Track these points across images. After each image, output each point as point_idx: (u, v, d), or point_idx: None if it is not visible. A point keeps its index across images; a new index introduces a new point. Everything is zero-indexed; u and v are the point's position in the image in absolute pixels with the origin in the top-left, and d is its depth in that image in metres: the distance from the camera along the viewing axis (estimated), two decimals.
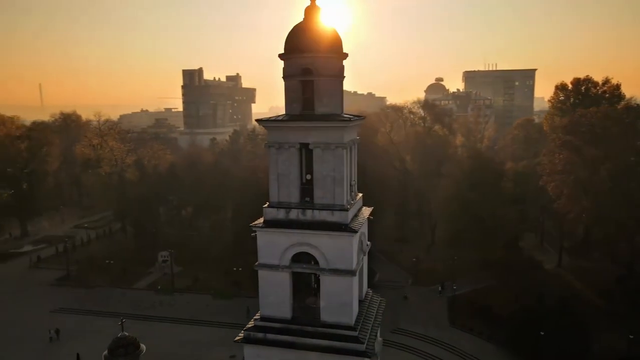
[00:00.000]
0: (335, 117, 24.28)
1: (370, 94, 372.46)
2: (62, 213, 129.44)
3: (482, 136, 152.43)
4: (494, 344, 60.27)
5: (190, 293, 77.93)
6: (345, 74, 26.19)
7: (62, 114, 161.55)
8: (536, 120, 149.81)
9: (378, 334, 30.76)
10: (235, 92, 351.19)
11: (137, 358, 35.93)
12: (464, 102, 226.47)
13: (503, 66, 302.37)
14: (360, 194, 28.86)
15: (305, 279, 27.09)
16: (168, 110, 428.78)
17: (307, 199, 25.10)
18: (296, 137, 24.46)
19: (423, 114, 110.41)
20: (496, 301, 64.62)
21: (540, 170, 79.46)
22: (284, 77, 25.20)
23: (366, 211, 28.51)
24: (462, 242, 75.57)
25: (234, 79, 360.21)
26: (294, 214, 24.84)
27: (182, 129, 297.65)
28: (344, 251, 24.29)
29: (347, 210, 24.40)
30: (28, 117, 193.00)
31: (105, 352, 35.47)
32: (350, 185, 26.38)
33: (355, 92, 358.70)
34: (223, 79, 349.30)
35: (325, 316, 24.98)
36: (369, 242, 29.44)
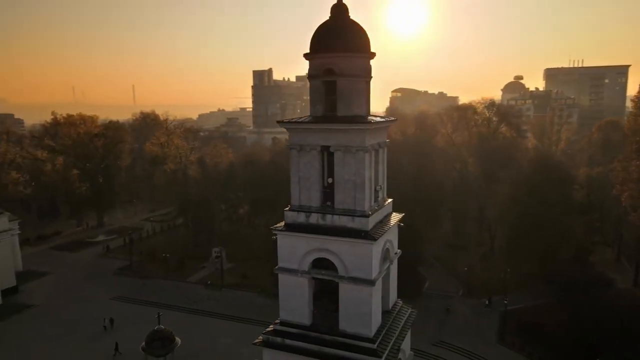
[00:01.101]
0: (358, 120, 23.33)
1: (441, 94, 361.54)
2: (135, 206, 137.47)
3: (557, 138, 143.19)
4: None
5: (237, 290, 78.93)
6: (372, 75, 25.15)
7: (142, 113, 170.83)
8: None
9: (408, 347, 29.33)
10: (304, 92, 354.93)
11: (172, 351, 36.86)
12: (543, 102, 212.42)
13: (590, 63, 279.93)
14: (390, 199, 27.62)
15: (329, 284, 26.24)
16: (243, 109, 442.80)
17: (328, 203, 24.45)
18: (317, 139, 23.87)
19: (488, 115, 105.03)
20: (553, 320, 58.69)
21: (613, 177, 72.60)
22: (308, 78, 24.67)
23: (395, 217, 27.24)
24: (521, 251, 70.26)
25: (304, 79, 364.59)
26: (314, 218, 24.25)
27: (251, 128, 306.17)
28: (364, 259, 23.32)
29: (367, 216, 23.39)
30: (122, 116, 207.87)
31: (143, 344, 36.69)
32: (376, 190, 25.32)
33: (425, 92, 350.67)
34: (293, 79, 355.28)
35: (344, 325, 24.18)
36: (398, 250, 28.12)
